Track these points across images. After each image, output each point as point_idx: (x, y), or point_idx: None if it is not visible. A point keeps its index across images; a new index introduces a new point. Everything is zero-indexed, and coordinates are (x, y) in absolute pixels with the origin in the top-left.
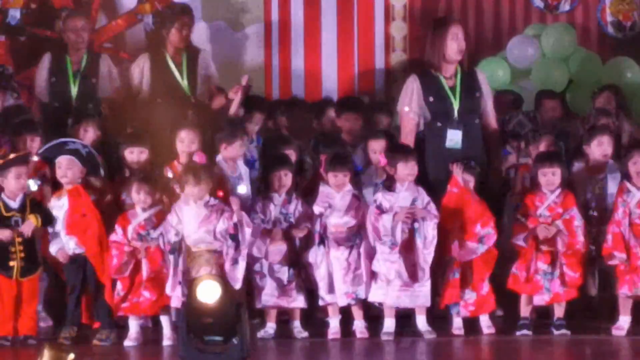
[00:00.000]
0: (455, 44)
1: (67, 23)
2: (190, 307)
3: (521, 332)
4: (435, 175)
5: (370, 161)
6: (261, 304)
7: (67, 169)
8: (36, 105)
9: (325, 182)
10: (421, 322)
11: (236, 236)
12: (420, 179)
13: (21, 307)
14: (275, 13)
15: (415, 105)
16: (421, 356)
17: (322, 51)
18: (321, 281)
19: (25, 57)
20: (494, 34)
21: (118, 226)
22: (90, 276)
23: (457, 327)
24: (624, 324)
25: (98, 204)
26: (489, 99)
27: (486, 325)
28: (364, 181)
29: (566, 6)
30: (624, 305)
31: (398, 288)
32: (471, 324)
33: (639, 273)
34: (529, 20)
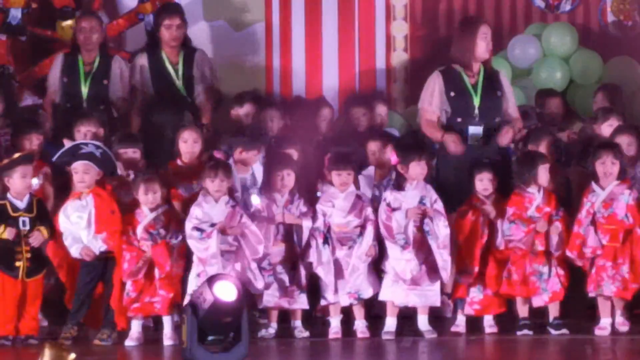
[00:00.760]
0: (484, 43)
1: (77, 24)
2: (211, 306)
3: (522, 332)
4: (452, 171)
5: (369, 162)
6: (263, 304)
7: (84, 173)
8: (48, 105)
9: (328, 182)
10: (422, 322)
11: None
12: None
13: (24, 307)
14: (276, 13)
15: (437, 101)
16: (422, 356)
17: (323, 51)
18: (324, 281)
19: (26, 57)
20: (495, 33)
21: (128, 227)
22: (109, 275)
23: (457, 325)
24: (606, 324)
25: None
26: (511, 100)
27: (489, 325)
28: (362, 181)
29: (567, 6)
30: (603, 310)
31: (407, 287)
32: (475, 322)
33: (602, 273)
34: (530, 20)
